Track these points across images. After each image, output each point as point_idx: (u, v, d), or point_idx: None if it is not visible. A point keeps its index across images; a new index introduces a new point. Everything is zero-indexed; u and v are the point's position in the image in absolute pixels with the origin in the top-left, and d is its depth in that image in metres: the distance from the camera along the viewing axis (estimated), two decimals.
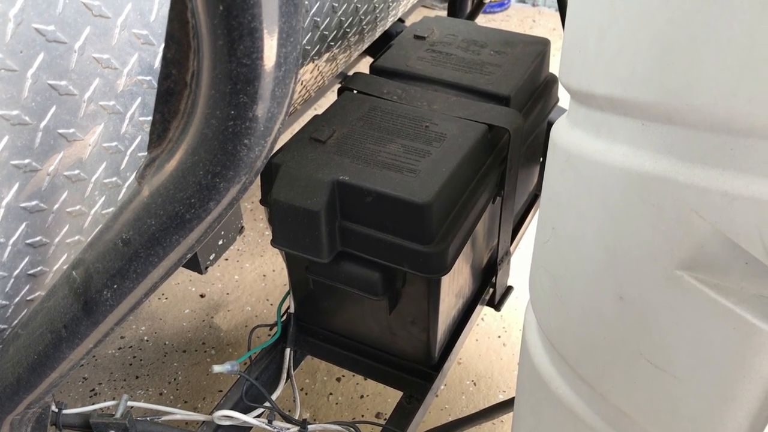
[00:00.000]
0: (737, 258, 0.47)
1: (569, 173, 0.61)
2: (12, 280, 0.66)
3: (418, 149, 1.05)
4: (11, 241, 0.63)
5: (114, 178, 0.71)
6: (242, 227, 1.63)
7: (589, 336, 0.63)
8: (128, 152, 0.71)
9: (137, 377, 1.84)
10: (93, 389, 1.82)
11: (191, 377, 1.84)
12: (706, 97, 0.44)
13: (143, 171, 0.52)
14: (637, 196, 0.52)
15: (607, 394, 0.63)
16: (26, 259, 0.66)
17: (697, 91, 0.45)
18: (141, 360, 1.89)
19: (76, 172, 0.65)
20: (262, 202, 1.14)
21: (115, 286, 0.57)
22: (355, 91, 1.20)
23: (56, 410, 1.07)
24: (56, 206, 0.65)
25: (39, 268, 0.69)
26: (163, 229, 0.52)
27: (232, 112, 0.44)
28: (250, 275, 2.15)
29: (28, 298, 0.71)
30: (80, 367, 1.87)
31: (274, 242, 1.08)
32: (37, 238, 0.66)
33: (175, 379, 1.83)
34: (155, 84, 0.71)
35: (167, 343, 1.94)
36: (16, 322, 0.72)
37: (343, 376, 1.83)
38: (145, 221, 0.53)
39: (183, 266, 1.57)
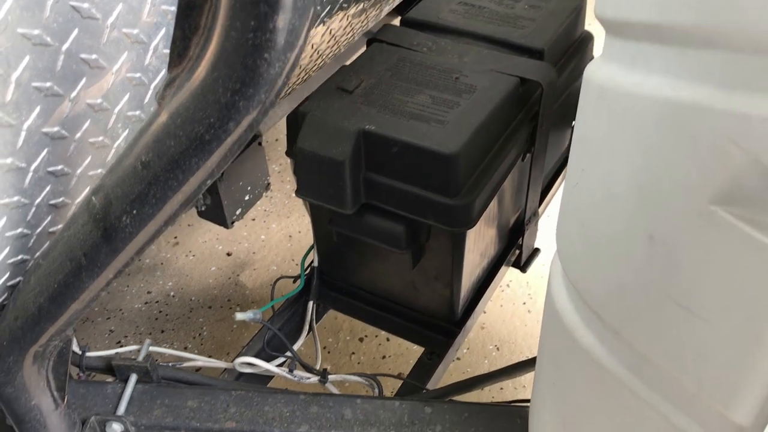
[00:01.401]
0: None
1: (602, 110, 0.58)
2: (34, 208, 0.66)
3: (447, 100, 1.03)
4: (33, 167, 0.62)
5: (137, 112, 0.71)
6: (269, 183, 1.63)
7: (616, 280, 0.61)
8: (152, 85, 0.70)
9: (162, 331, 1.86)
10: (119, 342, 1.84)
11: (216, 333, 1.86)
12: (752, 17, 0.42)
13: (163, 92, 0.51)
14: (672, 128, 0.50)
15: (632, 340, 0.62)
16: (48, 188, 0.66)
17: (742, 10, 0.43)
18: (167, 315, 1.91)
19: (99, 101, 0.65)
20: (288, 152, 1.13)
21: (135, 212, 0.56)
22: (384, 43, 1.18)
23: (80, 353, 1.09)
24: (78, 135, 0.65)
25: (61, 199, 0.69)
26: (182, 151, 0.51)
27: (252, 22, 0.43)
28: (276, 235, 2.15)
29: (50, 230, 0.71)
30: (107, 319, 1.90)
31: (299, 192, 1.07)
32: (59, 167, 0.65)
33: (200, 334, 1.85)
34: None
35: (193, 299, 1.96)
36: (38, 253, 0.72)
37: (366, 336, 1.83)
38: (164, 143, 0.52)
39: (210, 220, 1.57)
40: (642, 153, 0.54)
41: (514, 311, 1.91)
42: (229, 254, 2.10)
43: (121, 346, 1.83)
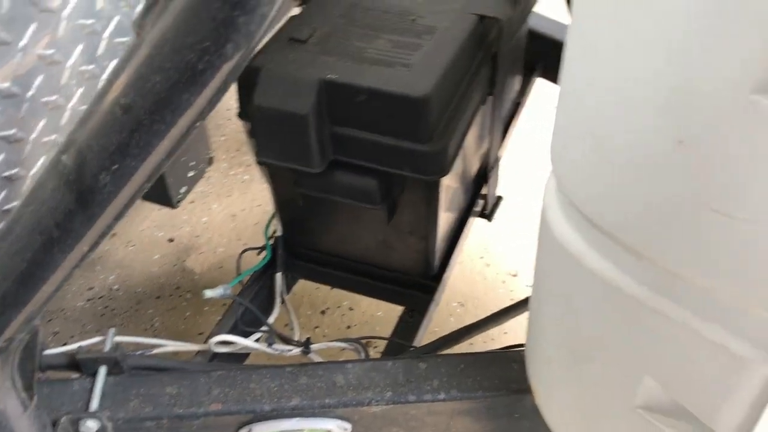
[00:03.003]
0: None
1: (619, 10, 0.54)
2: None
3: (408, 43, 0.98)
4: None
5: (91, 66, 0.63)
6: (211, 158, 1.55)
7: (639, 197, 0.58)
8: (105, 35, 0.62)
9: (112, 327, 1.75)
10: (65, 343, 1.72)
11: (168, 322, 1.77)
12: None
13: (142, 19, 0.44)
14: (707, 12, 0.46)
15: (660, 258, 0.59)
16: (0, 157, 0.58)
17: None
18: (113, 309, 1.81)
19: (51, 51, 0.57)
20: (241, 114, 1.05)
21: (115, 167, 0.49)
22: None
23: None
24: (30, 93, 0.57)
25: (15, 170, 0.61)
26: (171, 86, 0.44)
27: None
28: (218, 216, 2.06)
29: (5, 208, 0.63)
30: (49, 321, 1.78)
31: (259, 155, 1.01)
32: (11, 131, 0.57)
33: (152, 326, 1.76)
34: None
35: (139, 290, 1.85)
36: None
37: (328, 308, 1.77)
38: (148, 79, 0.45)
39: (153, 201, 1.48)
40: (670, 50, 0.50)
41: (473, 266, 1.89)
42: (171, 240, 2.00)
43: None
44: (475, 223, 1.56)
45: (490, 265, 1.89)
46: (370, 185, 0.99)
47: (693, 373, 0.62)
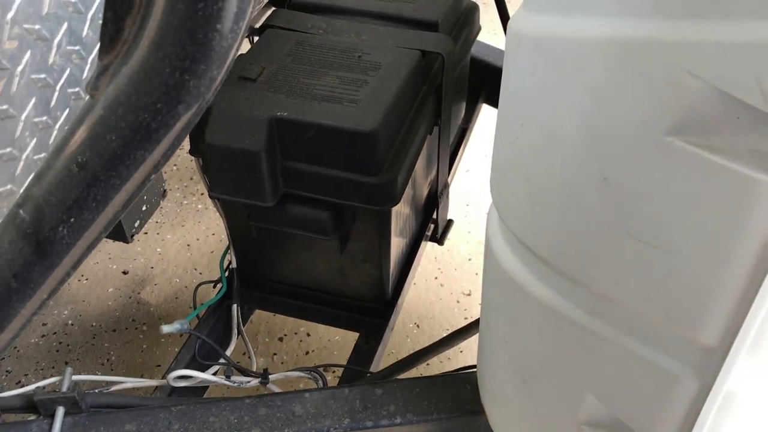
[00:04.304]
0: (729, 113, 0.47)
1: (539, 61, 0.59)
2: None
3: (355, 79, 1.02)
4: None
5: (44, 117, 0.65)
6: (165, 191, 1.56)
7: (570, 228, 0.62)
8: (58, 87, 0.65)
9: (67, 363, 1.74)
10: (19, 381, 1.71)
11: (125, 356, 1.76)
12: None
13: (96, 82, 0.47)
14: (620, 66, 0.51)
15: (592, 283, 0.63)
16: None
17: None
18: (68, 345, 1.79)
19: (5, 107, 0.59)
20: (192, 151, 1.08)
21: (72, 220, 0.51)
22: (277, 29, 1.15)
23: None
24: None
25: None
26: (125, 145, 0.47)
27: None
28: (173, 246, 2.06)
29: None
30: (1, 359, 1.76)
31: (212, 191, 1.03)
32: None
33: (108, 360, 1.74)
34: (82, 8, 0.64)
35: (94, 324, 1.84)
36: None
37: (285, 335, 1.79)
38: (103, 138, 0.47)
39: (107, 237, 1.48)
40: (589, 96, 0.54)
41: (428, 287, 1.93)
42: (125, 273, 1.99)
43: (23, 386, 1.70)
44: (429, 245, 1.61)
45: (444, 285, 1.93)
46: (322, 217, 1.02)
47: (629, 389, 0.66)
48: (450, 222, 1.41)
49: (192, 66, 0.43)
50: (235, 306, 1.19)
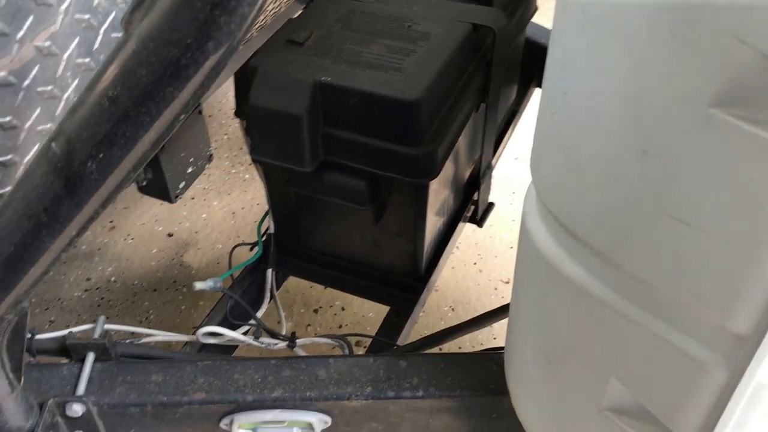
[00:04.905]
0: None
1: (586, 28, 0.57)
2: None
3: (402, 48, 1.01)
4: None
5: (87, 59, 0.65)
6: (211, 155, 1.58)
7: (606, 201, 0.60)
8: (101, 30, 0.65)
9: (107, 318, 1.77)
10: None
11: (164, 315, 1.79)
12: None
13: (130, 16, 0.47)
14: (668, 33, 0.49)
15: (624, 263, 0.61)
16: None
17: None
18: (109, 301, 1.83)
19: (48, 44, 0.59)
20: (237, 113, 1.08)
21: (102, 156, 0.52)
22: None
23: (28, 335, 1.02)
24: (26, 83, 0.60)
25: (9, 157, 0.63)
26: (156, 81, 0.47)
27: None
28: (218, 213, 2.09)
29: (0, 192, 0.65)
30: (46, 309, 1.81)
31: (253, 153, 1.03)
32: (6, 118, 0.60)
33: (146, 318, 1.78)
34: None
35: (136, 282, 1.88)
36: None
37: (321, 307, 1.80)
38: (134, 73, 0.47)
39: (152, 195, 1.51)
40: (633, 64, 0.52)
41: (466, 272, 1.91)
42: (170, 235, 2.03)
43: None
44: (470, 230, 1.59)
45: (483, 271, 1.91)
46: (359, 186, 1.01)
47: (655, 375, 0.64)
48: (491, 205, 1.39)
49: (222, 1, 0.43)
50: (269, 270, 1.20)
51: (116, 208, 2.07)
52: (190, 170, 1.50)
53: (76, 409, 0.89)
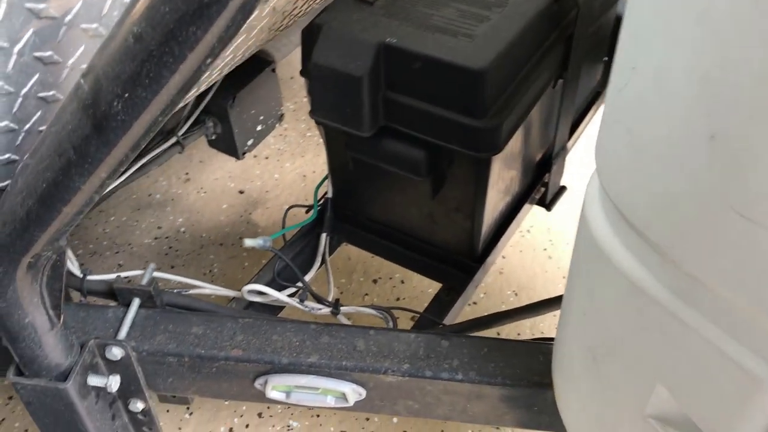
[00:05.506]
0: None
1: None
2: (20, 99, 0.60)
3: (476, 14, 0.95)
4: (16, 49, 0.56)
5: None
6: (282, 114, 1.57)
7: (667, 190, 0.54)
8: None
9: (172, 267, 1.82)
10: (127, 277, 1.80)
11: (227, 270, 1.81)
12: None
13: None
14: (748, 3, 0.42)
15: (681, 260, 0.55)
16: (36, 77, 0.60)
17: None
18: (177, 250, 1.87)
19: None
20: (303, 71, 1.06)
21: (127, 95, 0.50)
22: None
23: (80, 276, 1.04)
24: (69, 18, 0.58)
25: (51, 93, 0.63)
26: (178, 18, 0.44)
27: None
28: (290, 174, 2.09)
29: (40, 128, 0.65)
30: (116, 253, 1.86)
31: (313, 113, 1.01)
32: (48, 53, 0.59)
33: (210, 271, 1.81)
34: None
35: (204, 235, 1.91)
36: (27, 155, 0.66)
37: (380, 278, 1.77)
38: (158, 9, 0.45)
39: (220, 150, 1.51)
40: (708, 39, 0.46)
41: (535, 257, 1.85)
42: (241, 192, 2.05)
43: (129, 281, 1.80)
44: (543, 214, 1.52)
45: (552, 258, 1.84)
46: (418, 156, 0.97)
47: (704, 386, 0.58)
48: (563, 188, 1.32)
49: None
50: (323, 235, 1.18)
51: (192, 161, 2.11)
52: (259, 128, 1.49)
53: (116, 353, 0.90)
